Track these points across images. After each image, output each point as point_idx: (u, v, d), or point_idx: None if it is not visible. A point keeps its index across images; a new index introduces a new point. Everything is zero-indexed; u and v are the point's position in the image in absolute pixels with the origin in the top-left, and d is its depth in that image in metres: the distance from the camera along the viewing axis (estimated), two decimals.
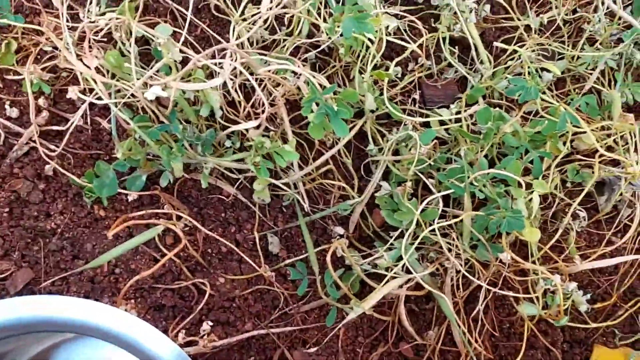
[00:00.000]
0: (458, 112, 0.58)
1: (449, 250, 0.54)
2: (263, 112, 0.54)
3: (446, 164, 0.58)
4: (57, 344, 0.55)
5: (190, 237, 0.58)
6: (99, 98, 0.54)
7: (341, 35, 0.55)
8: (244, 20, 0.60)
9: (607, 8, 0.65)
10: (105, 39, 0.61)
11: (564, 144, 0.58)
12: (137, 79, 0.53)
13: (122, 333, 0.43)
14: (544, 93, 0.58)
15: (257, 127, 0.55)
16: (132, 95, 0.55)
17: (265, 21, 0.62)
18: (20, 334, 0.45)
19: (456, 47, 0.64)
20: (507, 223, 0.51)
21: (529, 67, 0.58)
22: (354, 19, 0.52)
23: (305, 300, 0.59)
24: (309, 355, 0.58)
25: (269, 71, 0.54)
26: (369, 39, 0.56)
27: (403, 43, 0.58)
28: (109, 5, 0.61)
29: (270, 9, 0.59)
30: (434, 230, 0.53)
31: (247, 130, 0.55)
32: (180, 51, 0.56)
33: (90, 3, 0.58)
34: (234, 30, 0.58)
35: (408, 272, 0.56)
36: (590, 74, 0.63)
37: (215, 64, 0.53)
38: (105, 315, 0.43)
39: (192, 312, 0.57)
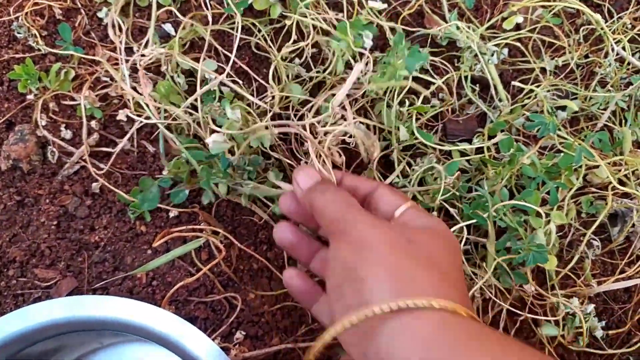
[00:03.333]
0: (480, 145, 0.62)
1: (474, 276, 0.57)
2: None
3: (467, 192, 0.62)
4: (93, 351, 0.58)
5: (224, 253, 0.61)
6: (147, 120, 0.59)
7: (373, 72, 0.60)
8: (283, 59, 0.65)
9: (617, 54, 0.70)
10: (153, 70, 0.67)
11: (577, 178, 0.62)
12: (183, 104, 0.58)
13: (166, 333, 0.46)
14: (559, 129, 0.63)
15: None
16: (176, 119, 0.61)
17: (300, 57, 0.67)
18: (70, 331, 0.48)
19: (477, 86, 0.69)
20: (532, 257, 0.55)
21: (549, 107, 0.63)
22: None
23: None
24: None
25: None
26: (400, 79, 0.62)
27: (429, 79, 0.63)
28: (160, 42, 0.67)
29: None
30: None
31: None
32: (222, 84, 0.62)
33: (143, 39, 0.65)
34: (275, 69, 0.64)
35: None
36: (602, 113, 0.67)
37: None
38: (151, 316, 0.46)
39: (223, 324, 0.60)
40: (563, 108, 0.68)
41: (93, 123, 0.64)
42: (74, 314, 0.46)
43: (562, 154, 0.59)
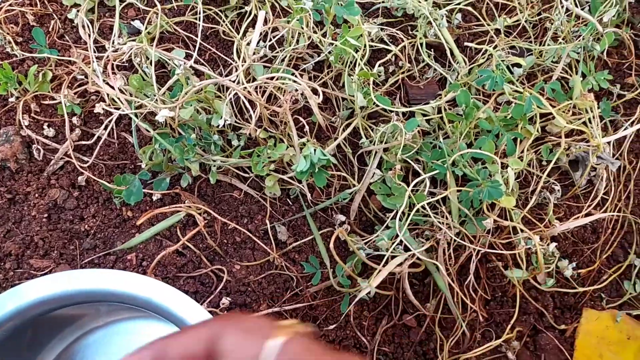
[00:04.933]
0: (439, 106, 0.66)
1: (440, 225, 0.60)
2: (264, 116, 0.62)
3: (431, 150, 0.65)
4: (92, 330, 0.62)
5: (208, 229, 0.65)
6: (120, 111, 0.63)
7: (330, 44, 0.63)
8: (248, 44, 0.69)
9: (567, 10, 0.73)
10: (127, 65, 0.71)
11: (535, 127, 0.65)
12: (155, 96, 0.62)
13: (150, 298, 0.49)
14: (511, 82, 0.66)
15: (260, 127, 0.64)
16: (152, 113, 0.64)
17: (265, 40, 0.71)
18: (64, 305, 0.51)
19: (435, 52, 0.72)
20: (487, 192, 0.58)
21: (498, 63, 0.66)
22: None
23: (311, 281, 0.66)
24: (320, 330, 0.63)
25: (272, 79, 0.62)
26: (355, 49, 0.65)
27: (385, 46, 0.66)
28: (130, 37, 0.71)
29: (266, 28, 0.68)
30: (425, 209, 0.60)
31: (255, 131, 0.63)
32: (193, 69, 0.66)
33: (114, 35, 0.68)
34: (237, 50, 0.68)
35: (407, 250, 0.62)
36: (556, 66, 0.70)
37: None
38: (136, 282, 0.50)
39: (212, 296, 0.63)
40: (520, 65, 0.71)
41: (74, 119, 0.68)
42: (68, 288, 0.49)
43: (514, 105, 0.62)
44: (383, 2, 0.72)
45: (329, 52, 0.67)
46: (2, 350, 0.52)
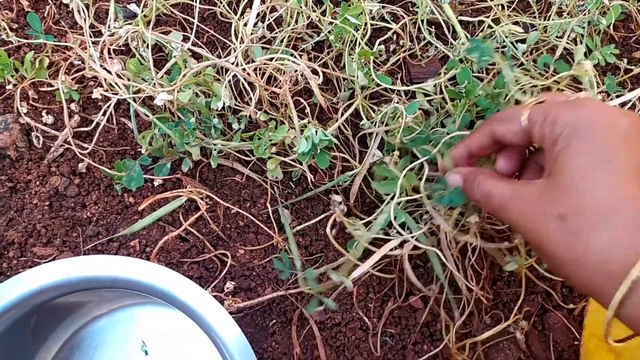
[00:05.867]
0: (439, 84, 0.64)
1: (432, 212, 0.59)
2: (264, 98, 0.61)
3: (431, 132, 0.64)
4: (97, 317, 0.62)
5: (211, 214, 0.64)
6: (118, 96, 0.62)
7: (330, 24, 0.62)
8: (245, 24, 0.67)
9: None
10: (124, 49, 0.70)
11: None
12: (153, 80, 0.61)
13: (154, 284, 0.49)
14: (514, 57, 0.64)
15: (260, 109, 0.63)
16: (151, 97, 0.63)
17: (263, 21, 0.69)
18: (67, 293, 0.51)
19: (437, 29, 0.71)
20: None
21: (500, 37, 0.65)
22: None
23: (318, 264, 0.65)
24: (325, 313, 0.63)
25: (271, 60, 0.61)
26: (355, 27, 0.64)
27: (385, 24, 0.65)
28: (126, 21, 0.70)
29: (263, 8, 0.67)
30: (417, 195, 0.59)
31: (255, 113, 0.62)
32: (191, 52, 0.65)
33: (110, 19, 0.67)
34: (235, 31, 0.66)
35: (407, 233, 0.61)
36: (560, 41, 0.69)
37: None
38: (138, 268, 0.49)
39: (216, 280, 0.63)
40: (523, 41, 0.70)
41: (73, 105, 0.67)
42: (71, 275, 0.49)
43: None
44: None
45: (329, 32, 0.66)
46: (7, 339, 0.52)
